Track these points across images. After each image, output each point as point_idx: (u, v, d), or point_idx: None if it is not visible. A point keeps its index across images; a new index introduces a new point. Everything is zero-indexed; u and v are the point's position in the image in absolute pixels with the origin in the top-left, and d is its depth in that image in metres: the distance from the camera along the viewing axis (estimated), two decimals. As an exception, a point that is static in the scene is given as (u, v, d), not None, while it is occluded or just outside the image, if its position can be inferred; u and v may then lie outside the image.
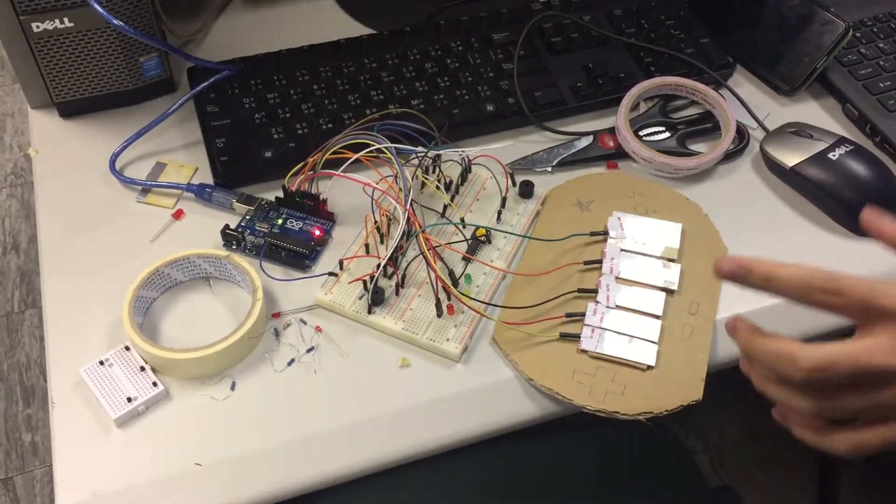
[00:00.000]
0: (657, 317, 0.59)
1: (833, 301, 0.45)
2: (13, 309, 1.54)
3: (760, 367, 0.48)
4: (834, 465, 1.13)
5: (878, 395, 0.44)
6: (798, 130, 0.69)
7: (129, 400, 0.54)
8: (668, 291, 0.60)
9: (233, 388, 0.56)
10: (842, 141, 0.68)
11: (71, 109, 0.72)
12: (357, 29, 0.82)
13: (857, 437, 0.46)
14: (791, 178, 0.68)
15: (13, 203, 1.70)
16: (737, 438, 1.29)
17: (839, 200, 0.66)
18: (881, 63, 0.75)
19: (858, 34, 0.77)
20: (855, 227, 0.65)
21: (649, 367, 0.56)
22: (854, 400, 0.45)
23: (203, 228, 0.65)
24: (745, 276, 0.48)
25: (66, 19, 0.65)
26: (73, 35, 0.66)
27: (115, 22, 0.62)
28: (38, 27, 0.65)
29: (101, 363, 0.56)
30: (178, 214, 0.66)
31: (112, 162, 0.68)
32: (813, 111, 0.75)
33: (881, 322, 0.44)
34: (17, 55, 0.67)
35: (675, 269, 0.61)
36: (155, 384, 0.55)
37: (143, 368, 0.56)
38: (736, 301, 0.61)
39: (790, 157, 0.68)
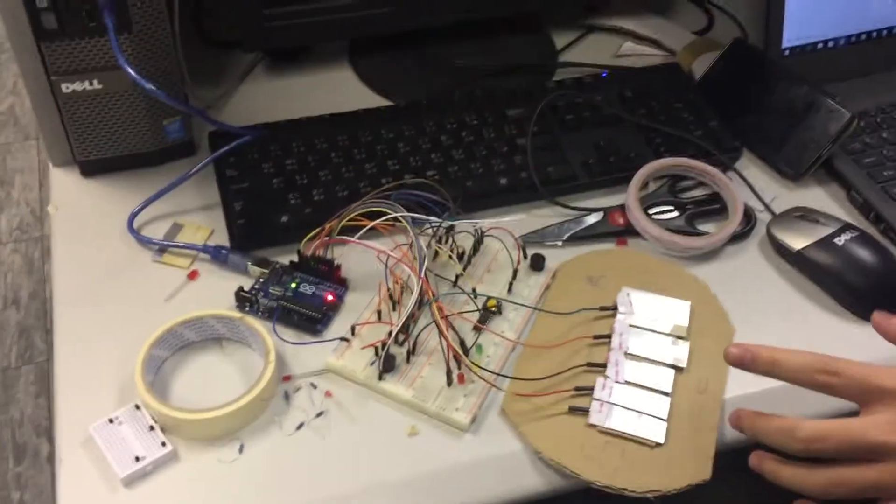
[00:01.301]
0: (666, 394, 0.59)
1: (833, 382, 0.50)
2: (10, 364, 1.53)
3: (770, 457, 0.52)
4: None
5: (873, 470, 0.47)
6: (804, 215, 0.71)
7: (137, 459, 0.54)
8: (677, 368, 0.60)
9: (241, 450, 0.56)
10: (848, 227, 0.69)
11: (93, 168, 0.73)
12: (375, 100, 0.84)
13: None
14: (797, 261, 0.69)
15: (16, 258, 1.71)
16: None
17: (845, 285, 0.67)
18: (885, 152, 0.77)
19: (863, 123, 0.79)
20: (860, 312, 0.66)
21: (658, 445, 0.56)
22: (855, 475, 0.48)
23: (217, 290, 0.65)
24: (751, 361, 0.53)
25: (95, 81, 0.66)
26: (101, 97, 0.68)
27: (148, 86, 0.63)
28: (67, 87, 0.66)
29: (111, 421, 0.56)
30: (192, 275, 0.67)
31: (130, 221, 0.69)
32: (818, 197, 0.76)
33: (880, 401, 0.48)
34: (44, 114, 0.69)
35: (684, 346, 0.62)
36: (163, 444, 0.55)
37: (152, 428, 0.56)
38: (744, 380, 0.61)
39: (797, 241, 0.69)
